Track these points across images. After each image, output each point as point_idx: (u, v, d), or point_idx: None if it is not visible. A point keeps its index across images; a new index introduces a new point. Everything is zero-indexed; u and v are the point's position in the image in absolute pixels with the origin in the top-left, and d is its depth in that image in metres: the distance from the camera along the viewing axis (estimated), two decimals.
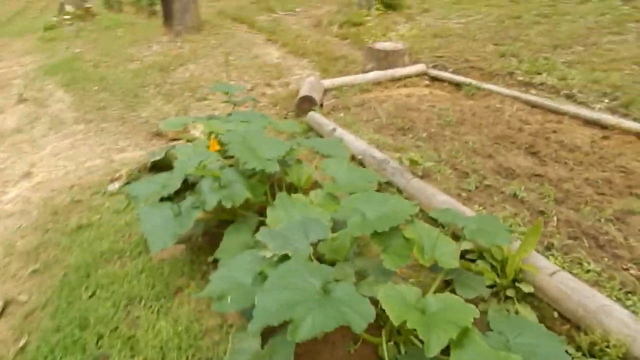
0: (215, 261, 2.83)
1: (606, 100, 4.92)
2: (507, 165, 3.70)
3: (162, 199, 2.81)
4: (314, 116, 4.94)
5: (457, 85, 6.11)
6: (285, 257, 1.90)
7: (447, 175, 3.54)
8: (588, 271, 2.38)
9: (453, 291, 2.12)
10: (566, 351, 1.88)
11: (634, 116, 4.47)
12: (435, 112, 5.04)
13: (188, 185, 3.02)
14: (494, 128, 4.49)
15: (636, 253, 2.53)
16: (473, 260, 2.44)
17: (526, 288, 2.30)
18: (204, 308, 2.57)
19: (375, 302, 1.64)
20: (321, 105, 5.52)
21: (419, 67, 6.68)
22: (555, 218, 2.90)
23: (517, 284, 2.33)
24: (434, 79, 6.54)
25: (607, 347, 1.92)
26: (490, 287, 2.33)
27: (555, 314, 2.23)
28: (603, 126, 4.37)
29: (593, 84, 5.31)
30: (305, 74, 7.36)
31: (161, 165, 3.94)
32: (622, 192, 3.20)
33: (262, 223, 2.92)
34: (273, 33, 10.37)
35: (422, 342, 1.46)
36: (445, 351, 1.49)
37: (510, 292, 2.33)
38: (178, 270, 2.88)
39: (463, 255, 2.45)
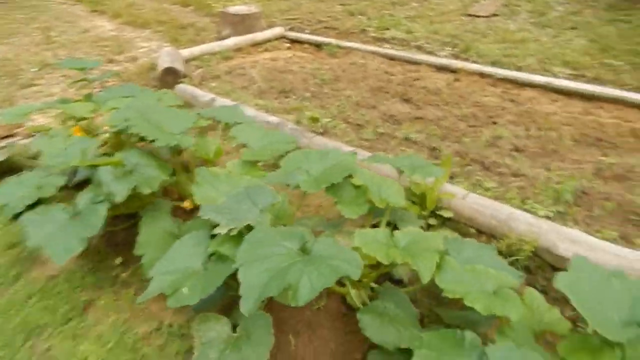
0: (124, 262, 2.49)
1: (448, 48, 5.60)
2: (390, 113, 3.98)
3: (36, 203, 2.29)
4: (185, 88, 4.54)
5: (318, 46, 6.24)
6: (247, 229, 1.75)
7: (344, 129, 3.65)
8: (488, 189, 2.76)
9: (396, 228, 2.24)
10: None
11: (473, 59, 5.20)
12: (308, 72, 5.10)
13: (67, 184, 2.52)
14: (367, 82, 4.76)
15: (514, 168, 3.02)
16: None
17: (446, 214, 2.55)
18: (129, 316, 2.24)
19: None
20: (184, 76, 5.09)
21: (277, 31, 6.62)
22: (446, 151, 3.26)
23: (437, 212, 2.57)
24: (294, 41, 6.56)
25: (522, 245, 2.27)
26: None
27: (472, 230, 2.53)
28: (452, 70, 4.98)
29: (434, 35, 5.98)
30: (153, 46, 6.66)
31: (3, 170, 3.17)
32: (487, 122, 3.74)
33: (177, 207, 2.64)
34: (97, 3, 9.06)
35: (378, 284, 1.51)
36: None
37: (432, 221, 2.56)
38: (79, 283, 2.43)
39: None
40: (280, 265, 1.50)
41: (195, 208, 2.56)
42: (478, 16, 6.58)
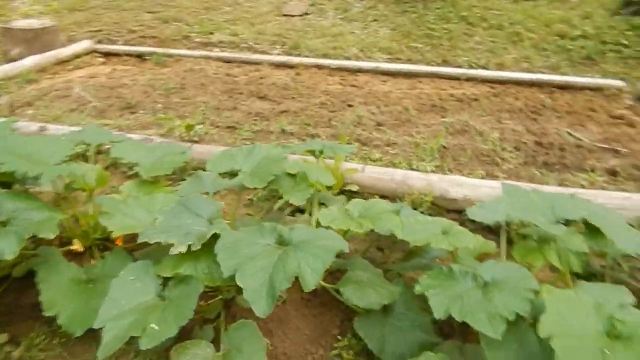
0: (13, 339, 1.94)
1: (278, 47, 5.85)
2: (254, 111, 3.99)
3: None
4: None
5: (140, 57, 5.77)
6: (214, 237, 1.57)
7: (217, 133, 3.51)
8: (377, 160, 3.06)
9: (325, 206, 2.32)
10: None
11: (305, 54, 5.55)
12: (145, 84, 4.69)
13: None
14: (214, 86, 4.64)
15: (385, 139, 3.40)
16: None
17: (353, 188, 2.75)
18: None
19: None
20: None
21: (85, 45, 5.85)
22: (324, 136, 3.46)
23: (345, 188, 2.75)
24: (108, 54, 5.90)
25: (423, 198, 2.61)
26: None
27: (376, 196, 2.78)
28: (290, 66, 5.24)
29: (260, 35, 6.16)
30: None
31: None
32: (343, 107, 4.09)
33: (68, 250, 2.17)
34: None
35: None
36: None
37: (342, 198, 2.73)
38: None
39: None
40: (273, 261, 1.42)
41: (88, 249, 2.16)
42: (292, 15, 7.02)
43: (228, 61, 5.47)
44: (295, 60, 5.30)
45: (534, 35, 5.53)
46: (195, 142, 3.27)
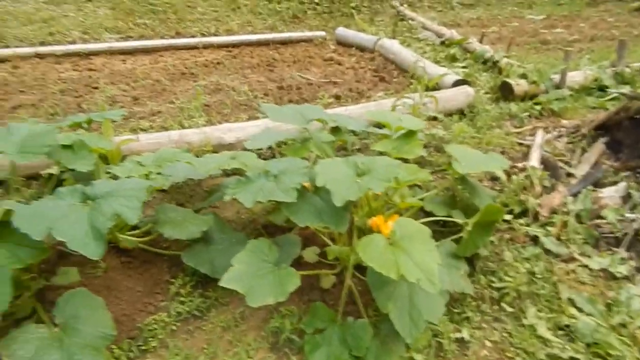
0: None
1: None
2: None
3: None
4: None
5: None
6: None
7: None
8: (146, 129, 3.10)
9: None
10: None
11: (13, 45, 4.78)
12: None
13: None
14: None
15: (147, 110, 3.43)
16: None
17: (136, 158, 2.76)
18: None
19: None
20: None
21: None
22: None
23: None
24: None
25: (204, 149, 2.85)
26: None
27: None
28: (3, 59, 4.47)
29: None
30: None
31: None
32: (90, 90, 3.84)
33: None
34: None
35: None
36: None
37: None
38: None
39: None
40: (84, 213, 1.45)
41: None
42: None
43: None
44: (6, 52, 4.53)
45: (248, 2, 6.22)
46: None
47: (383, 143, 2.06)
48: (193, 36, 5.28)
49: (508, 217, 2.31)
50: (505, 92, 3.75)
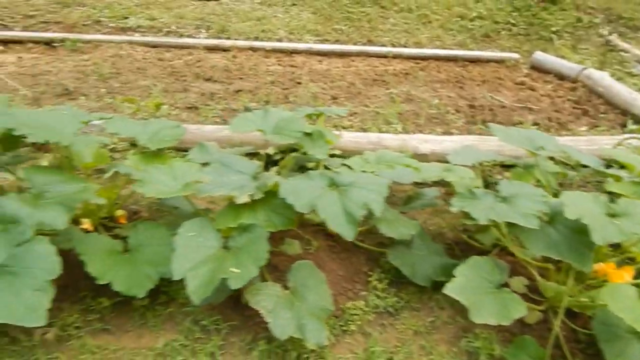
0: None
1: (203, 31, 5.76)
2: (208, 91, 3.98)
3: None
4: None
5: (48, 44, 5.25)
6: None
7: (180, 113, 3.47)
8: (349, 127, 3.32)
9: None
10: None
11: (234, 37, 5.56)
12: (72, 70, 4.34)
13: None
14: (152, 71, 4.47)
15: None
16: None
17: (337, 152, 2.98)
18: None
19: None
20: None
21: None
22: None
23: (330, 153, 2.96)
24: (7, 41, 5.26)
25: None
26: None
27: None
28: (224, 49, 5.22)
29: (181, 20, 5.98)
30: None
31: None
32: (293, 85, 4.27)
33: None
34: None
35: None
36: None
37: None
38: None
39: None
40: (335, 197, 1.63)
41: (97, 228, 2.11)
42: (207, 0, 6.90)
43: (154, 46, 5.24)
44: (227, 43, 5.29)
45: (440, 17, 6.23)
46: None
47: (621, 185, 1.89)
48: (383, 45, 5.49)
49: None
50: None
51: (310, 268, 1.77)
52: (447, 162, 2.42)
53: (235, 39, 5.50)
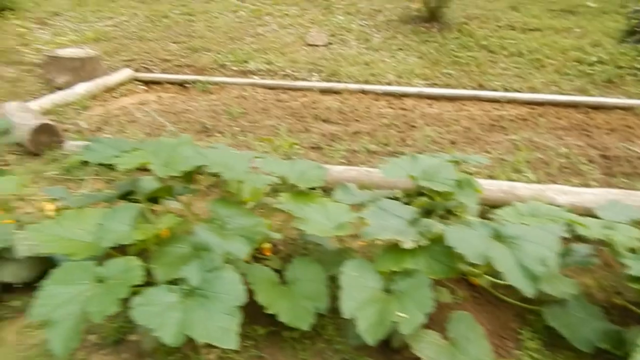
0: None
1: (315, 74, 6.11)
2: (327, 132, 4.18)
3: None
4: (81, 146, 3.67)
5: (181, 85, 5.90)
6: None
7: (306, 152, 3.68)
8: (473, 173, 3.29)
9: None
10: None
11: (344, 81, 5.83)
12: (207, 109, 4.82)
13: None
14: (274, 111, 4.82)
15: None
16: None
17: None
18: None
19: None
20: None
21: (126, 73, 5.94)
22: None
23: None
24: (148, 82, 6.01)
25: None
26: None
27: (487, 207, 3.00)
28: (335, 92, 5.49)
29: (294, 64, 6.41)
30: None
31: None
32: (408, 128, 4.35)
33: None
34: None
35: None
36: None
37: None
38: None
39: None
40: (506, 250, 1.61)
41: (274, 252, 2.28)
42: (317, 45, 7.34)
43: (272, 88, 5.67)
44: (339, 86, 5.56)
45: (554, 62, 6.03)
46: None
47: None
48: (494, 90, 5.41)
49: None
50: None
51: (470, 320, 1.74)
52: (589, 216, 2.30)
53: (346, 82, 5.76)
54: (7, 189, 2.35)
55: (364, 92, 5.44)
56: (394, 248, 1.81)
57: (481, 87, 5.54)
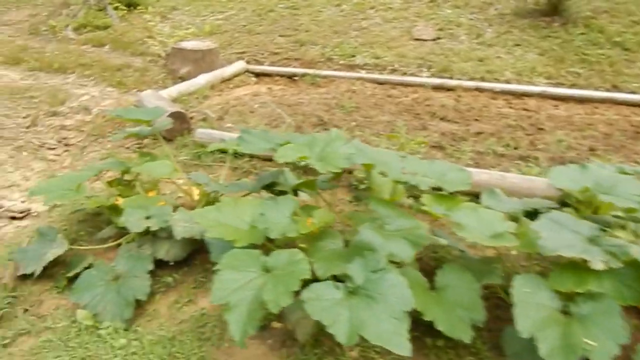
0: None
1: (425, 69, 5.91)
2: (446, 131, 4.01)
3: None
4: (212, 133, 3.88)
5: (290, 77, 6.02)
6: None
7: (429, 151, 3.56)
8: None
9: None
10: None
11: (456, 77, 5.56)
12: (319, 102, 4.85)
13: None
14: (387, 107, 4.73)
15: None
16: None
17: None
18: None
19: None
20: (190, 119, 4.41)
21: (240, 65, 6.19)
22: (543, 159, 3.40)
23: None
24: (259, 74, 6.21)
25: None
26: None
27: None
28: (448, 88, 5.26)
29: (403, 58, 6.25)
30: (94, 92, 5.63)
31: None
32: (535, 130, 4.04)
33: None
34: None
35: None
36: None
37: None
38: None
39: None
40: None
41: None
42: (424, 40, 7.10)
43: (381, 83, 5.57)
44: (452, 82, 5.31)
45: None
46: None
47: None
48: (633, 92, 4.84)
49: None
50: None
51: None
52: None
53: (459, 79, 5.50)
54: (162, 173, 2.52)
55: (479, 89, 5.15)
56: (572, 266, 1.65)
57: (616, 88, 4.98)
